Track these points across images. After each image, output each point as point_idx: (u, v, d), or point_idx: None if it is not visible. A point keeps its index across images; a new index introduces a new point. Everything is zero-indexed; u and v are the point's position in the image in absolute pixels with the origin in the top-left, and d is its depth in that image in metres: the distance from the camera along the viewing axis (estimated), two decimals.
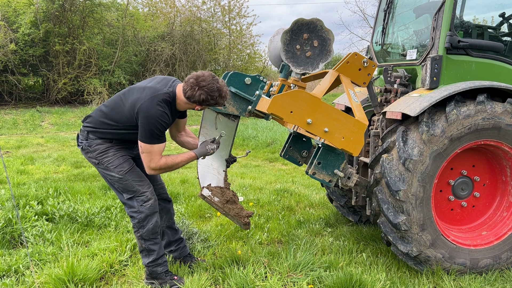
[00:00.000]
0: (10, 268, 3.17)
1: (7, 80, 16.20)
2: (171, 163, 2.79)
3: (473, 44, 3.25)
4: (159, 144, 2.74)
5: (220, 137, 3.03)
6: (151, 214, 2.93)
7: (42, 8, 16.22)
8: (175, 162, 2.81)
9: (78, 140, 2.97)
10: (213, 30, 20.48)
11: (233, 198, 3.03)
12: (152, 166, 2.75)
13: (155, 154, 2.73)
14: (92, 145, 2.88)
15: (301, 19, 3.01)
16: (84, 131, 2.92)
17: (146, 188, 2.94)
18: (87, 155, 2.93)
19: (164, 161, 2.77)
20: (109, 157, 2.88)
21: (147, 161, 2.74)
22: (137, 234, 2.94)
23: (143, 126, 2.69)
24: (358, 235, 3.94)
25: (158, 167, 2.76)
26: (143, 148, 2.72)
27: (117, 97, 2.90)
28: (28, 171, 6.68)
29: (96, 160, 2.89)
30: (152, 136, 2.69)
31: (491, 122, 3.00)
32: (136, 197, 2.90)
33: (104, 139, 2.89)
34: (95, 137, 2.89)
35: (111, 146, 2.90)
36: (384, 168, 3.03)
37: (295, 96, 2.70)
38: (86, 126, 2.93)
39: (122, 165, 2.89)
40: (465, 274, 3.16)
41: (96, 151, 2.88)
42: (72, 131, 13.34)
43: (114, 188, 2.98)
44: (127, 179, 2.89)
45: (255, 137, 10.42)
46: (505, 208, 3.38)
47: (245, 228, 3.10)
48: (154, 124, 2.67)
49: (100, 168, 2.92)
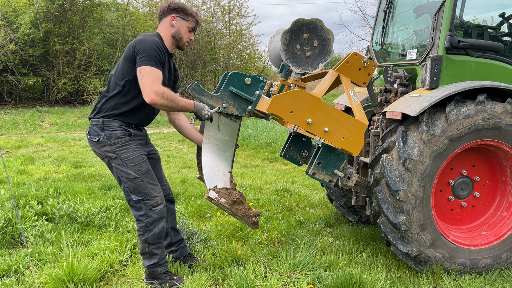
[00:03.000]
0: (10, 268, 3.17)
1: (7, 80, 16.22)
2: (173, 95, 2.65)
3: (473, 44, 3.25)
4: (160, 71, 2.64)
5: (216, 110, 2.98)
6: (159, 219, 2.89)
7: (42, 8, 16.23)
8: (176, 97, 2.68)
9: (90, 135, 2.85)
10: (213, 30, 20.47)
11: (240, 198, 3.02)
12: (155, 89, 2.56)
13: (156, 78, 2.60)
14: (111, 138, 2.77)
15: (301, 19, 3.01)
16: (98, 121, 2.81)
17: (158, 192, 2.89)
18: (102, 148, 2.80)
19: (167, 89, 2.63)
20: (129, 153, 2.80)
21: (149, 83, 2.57)
22: (142, 237, 2.90)
23: (142, 51, 2.62)
24: (358, 235, 3.94)
25: (161, 91, 2.58)
26: (144, 71, 2.59)
27: (110, 77, 2.88)
28: (28, 171, 6.68)
29: (114, 154, 2.79)
30: (151, 59, 2.61)
31: (491, 122, 3.00)
32: (145, 200, 2.84)
33: (122, 128, 2.80)
34: (112, 125, 2.78)
35: (131, 141, 2.82)
36: (384, 168, 3.03)
37: (295, 96, 2.70)
38: (97, 114, 2.83)
39: (141, 164, 2.83)
40: (465, 274, 3.16)
41: (115, 144, 2.78)
42: (72, 131, 13.34)
43: (123, 187, 2.88)
44: (142, 180, 2.82)
45: (255, 137, 10.42)
46: (505, 208, 3.38)
47: (253, 227, 3.10)
48: (152, 47, 2.64)
49: (115, 163, 2.81)
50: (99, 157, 2.91)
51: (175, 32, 2.88)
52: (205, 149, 3.07)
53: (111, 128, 2.80)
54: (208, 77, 21.52)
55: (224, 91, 3.02)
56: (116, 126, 2.81)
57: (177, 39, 2.91)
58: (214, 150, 3.09)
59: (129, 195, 2.87)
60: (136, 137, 2.89)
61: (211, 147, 3.09)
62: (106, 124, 2.80)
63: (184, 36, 2.92)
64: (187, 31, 2.93)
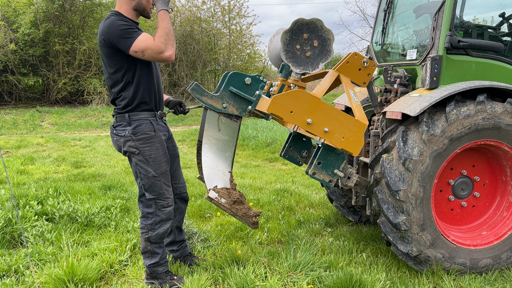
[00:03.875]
0: (10, 268, 3.17)
1: (7, 80, 16.21)
2: (164, 29, 2.62)
3: (473, 44, 3.25)
4: (143, 33, 2.62)
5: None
6: (166, 220, 2.92)
7: (42, 8, 16.23)
8: (165, 27, 2.63)
9: (116, 129, 2.84)
10: (213, 30, 20.47)
11: (240, 198, 3.03)
12: (157, 44, 2.57)
13: (147, 41, 2.58)
14: (137, 133, 2.78)
15: (301, 19, 3.01)
16: (124, 116, 2.80)
17: (170, 194, 2.94)
18: (127, 143, 2.80)
19: (158, 37, 2.60)
20: (153, 151, 2.82)
21: (152, 49, 2.57)
22: (145, 235, 2.92)
23: (115, 36, 2.59)
24: (358, 235, 3.94)
25: (162, 40, 2.58)
26: (137, 48, 2.59)
27: (106, 80, 2.87)
28: (28, 171, 6.68)
29: (137, 149, 2.79)
30: (128, 34, 2.58)
31: (491, 122, 3.00)
32: (157, 200, 2.88)
33: (148, 121, 2.81)
34: (138, 118, 2.79)
35: (155, 137, 2.83)
36: (384, 168, 3.03)
37: (295, 96, 2.70)
38: (122, 109, 2.82)
39: (161, 164, 2.86)
40: (465, 274, 3.16)
41: (141, 140, 2.79)
42: (72, 131, 13.35)
43: (139, 182, 2.90)
44: (159, 179, 2.85)
45: (255, 137, 10.42)
46: (505, 208, 3.38)
47: (253, 227, 3.11)
48: (120, 25, 2.61)
49: (137, 159, 2.82)
50: (119, 151, 2.91)
51: (136, 5, 2.78)
52: (205, 149, 3.07)
53: (137, 122, 2.80)
54: (208, 77, 21.51)
55: (224, 91, 3.02)
56: (143, 119, 2.81)
57: (140, 10, 2.82)
58: (214, 150, 3.10)
59: (142, 192, 2.90)
60: (160, 132, 2.91)
61: (211, 147, 3.09)
62: (132, 118, 2.80)
63: (146, 5, 2.82)
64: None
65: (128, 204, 4.85)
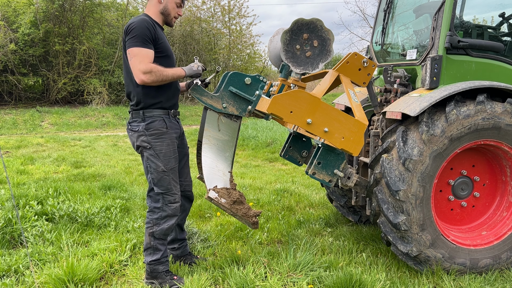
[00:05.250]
0: (10, 268, 3.17)
1: (7, 80, 16.20)
2: (161, 70, 2.74)
3: (473, 44, 3.25)
4: (148, 49, 2.73)
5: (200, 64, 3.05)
6: (171, 215, 2.97)
7: (42, 8, 16.22)
8: (164, 70, 2.77)
9: (130, 125, 2.94)
10: (213, 30, 20.48)
11: (240, 198, 3.03)
12: (142, 68, 2.67)
13: (144, 57, 2.69)
14: (149, 129, 2.86)
15: (301, 19, 3.01)
16: (139, 112, 2.88)
17: (177, 191, 2.99)
18: (139, 138, 2.89)
19: (155, 65, 2.72)
20: (164, 146, 2.89)
21: (137, 63, 2.68)
22: (150, 230, 2.95)
23: (130, 32, 2.71)
24: (358, 235, 3.94)
25: (149, 69, 2.68)
26: (132, 53, 2.70)
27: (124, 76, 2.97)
28: (28, 171, 6.68)
29: (149, 144, 2.88)
30: (138, 39, 2.69)
31: (491, 122, 3.00)
32: (165, 195, 2.93)
33: (161, 119, 2.89)
34: (152, 115, 2.87)
35: (167, 133, 2.91)
36: (384, 168, 3.03)
37: (295, 96, 2.70)
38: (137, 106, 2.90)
39: (170, 160, 2.92)
40: (465, 274, 3.16)
41: (153, 135, 2.87)
42: (72, 131, 13.35)
43: (148, 177, 2.97)
44: (168, 175, 2.92)
45: (255, 137, 10.42)
46: (505, 208, 3.38)
47: (253, 227, 3.11)
48: (140, 26, 2.71)
49: (148, 153, 2.89)
50: (133, 147, 3.02)
51: (163, 8, 2.94)
52: (205, 149, 3.08)
53: (151, 119, 2.88)
54: (208, 77, 21.50)
55: (224, 91, 3.02)
56: (156, 116, 2.90)
57: (165, 15, 2.97)
58: (214, 150, 3.10)
59: (152, 186, 2.96)
60: (172, 129, 2.97)
61: (211, 147, 3.09)
62: (146, 115, 2.89)
63: (172, 11, 2.97)
64: (174, 6, 2.99)
65: (128, 204, 4.85)
